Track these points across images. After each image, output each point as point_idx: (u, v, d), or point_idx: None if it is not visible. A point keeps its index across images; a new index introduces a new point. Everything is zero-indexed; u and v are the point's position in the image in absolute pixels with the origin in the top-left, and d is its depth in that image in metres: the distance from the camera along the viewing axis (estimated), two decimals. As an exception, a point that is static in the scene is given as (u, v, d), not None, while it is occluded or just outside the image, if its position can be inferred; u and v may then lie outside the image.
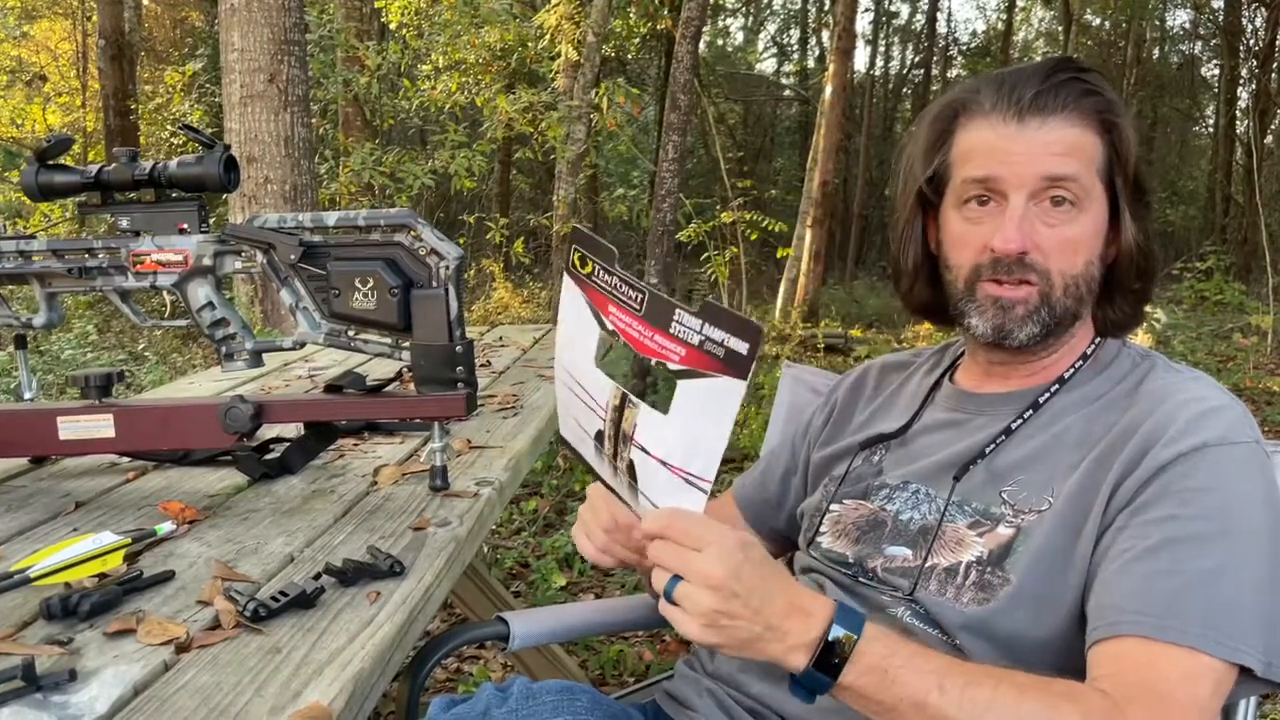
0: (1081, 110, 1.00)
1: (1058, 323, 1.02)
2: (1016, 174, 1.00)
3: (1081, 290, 1.02)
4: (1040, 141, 0.99)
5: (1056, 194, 0.99)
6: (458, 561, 1.17)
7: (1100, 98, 1.00)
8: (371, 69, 8.28)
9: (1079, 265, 1.01)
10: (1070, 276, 1.01)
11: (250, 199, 4.61)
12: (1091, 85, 1.00)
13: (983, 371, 1.13)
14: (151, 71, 14.07)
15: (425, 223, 1.25)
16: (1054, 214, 1.00)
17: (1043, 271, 1.01)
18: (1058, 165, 0.99)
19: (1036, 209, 1.00)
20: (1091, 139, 1.00)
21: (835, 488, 1.18)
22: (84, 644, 0.90)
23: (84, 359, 6.04)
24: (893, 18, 24.12)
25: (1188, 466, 0.91)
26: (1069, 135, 0.99)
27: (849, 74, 11.35)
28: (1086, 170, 0.99)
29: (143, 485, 1.42)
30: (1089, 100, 1.00)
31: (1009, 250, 1.00)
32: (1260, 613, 0.86)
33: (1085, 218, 1.00)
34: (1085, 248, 1.01)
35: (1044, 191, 0.99)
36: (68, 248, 1.35)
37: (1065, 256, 1.00)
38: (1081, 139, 0.99)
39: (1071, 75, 1.00)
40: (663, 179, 5.64)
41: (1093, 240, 1.01)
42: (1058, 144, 0.99)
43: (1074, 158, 0.99)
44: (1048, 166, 0.99)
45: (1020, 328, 1.02)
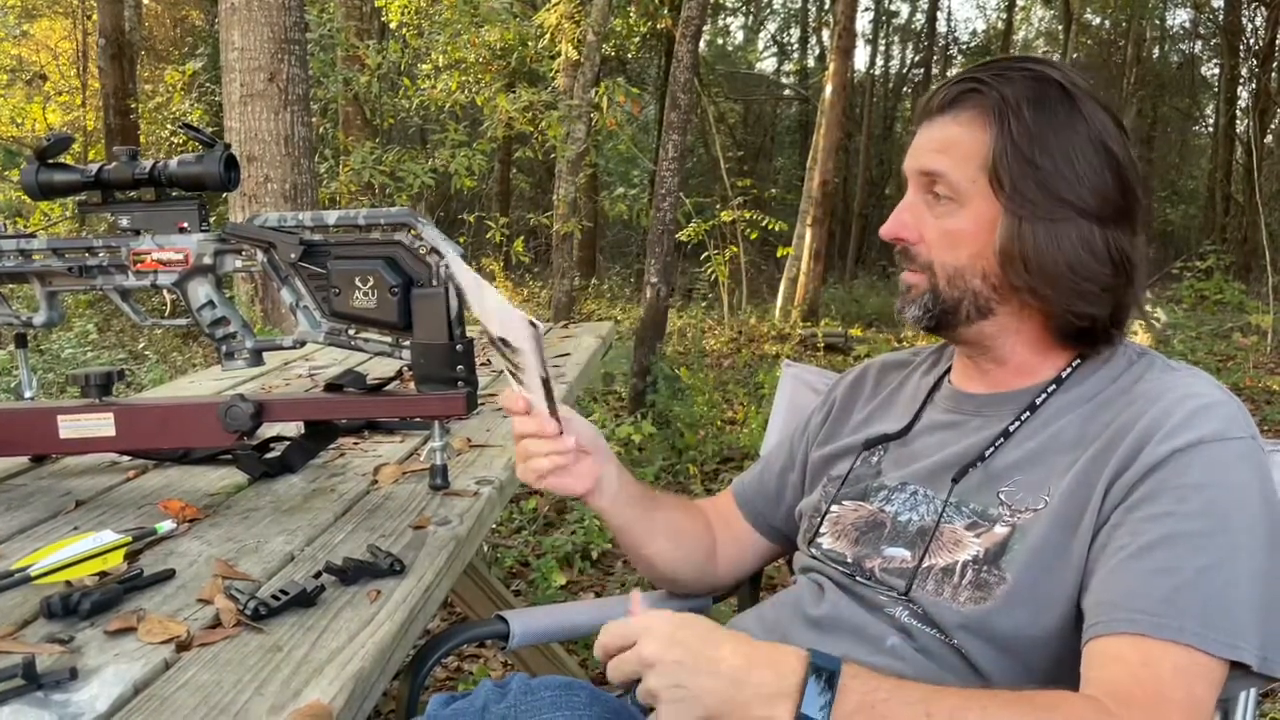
0: (969, 109, 1.02)
1: (946, 311, 1.05)
2: (907, 168, 1.08)
3: (971, 283, 1.03)
4: (924, 138, 1.06)
5: (934, 189, 1.04)
6: (458, 560, 1.17)
7: (985, 95, 1.01)
8: (371, 68, 8.28)
9: (961, 257, 1.03)
10: (952, 267, 1.04)
11: (250, 198, 4.61)
12: (983, 84, 1.01)
13: (963, 368, 1.15)
14: (152, 70, 14.07)
15: (426, 221, 1.25)
16: (935, 206, 1.05)
17: (925, 262, 1.06)
18: (928, 161, 1.04)
19: (927, 200, 1.06)
20: (976, 136, 1.01)
21: (835, 488, 1.18)
22: (85, 642, 0.90)
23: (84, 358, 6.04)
24: (893, 17, 24.12)
25: (1184, 463, 0.91)
26: (947, 133, 1.03)
27: (849, 73, 11.35)
28: (961, 166, 1.02)
29: (143, 484, 1.42)
30: (974, 98, 1.02)
31: (883, 236, 1.08)
32: (1256, 608, 0.86)
33: (965, 212, 1.02)
34: (968, 240, 1.02)
35: (925, 185, 1.05)
36: (68, 246, 1.35)
37: (946, 248, 1.04)
38: (962, 136, 1.02)
39: (970, 76, 1.04)
40: (663, 178, 5.64)
41: (976, 233, 1.02)
42: (933, 141, 1.04)
43: (946, 155, 1.03)
44: (921, 162, 1.05)
45: (908, 309, 1.08)
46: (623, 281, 13.65)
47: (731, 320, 10.01)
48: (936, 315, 1.06)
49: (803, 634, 1.09)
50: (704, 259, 9.58)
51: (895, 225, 1.07)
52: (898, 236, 1.07)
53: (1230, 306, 9.47)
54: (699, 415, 5.24)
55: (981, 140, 1.01)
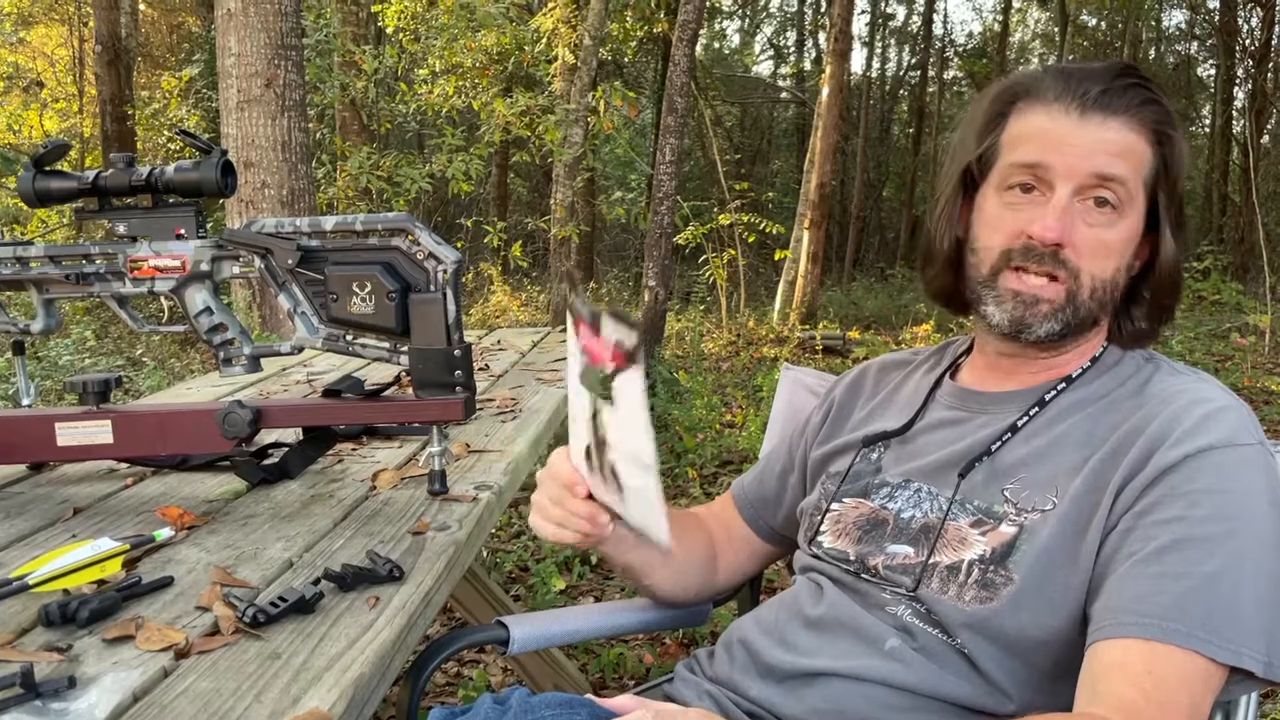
0: (1141, 117, 0.99)
1: (1079, 324, 1.02)
2: (1068, 165, 0.99)
3: (1107, 296, 1.02)
4: (1098, 138, 0.98)
5: (1101, 194, 0.99)
6: (457, 566, 1.17)
7: (1159, 108, 1.00)
8: (368, 73, 8.27)
9: (1109, 270, 1.01)
10: (1099, 280, 1.01)
11: (248, 204, 4.61)
12: (1153, 94, 1.00)
13: (989, 365, 1.12)
14: (148, 77, 14.07)
15: (423, 226, 1.25)
16: (1095, 214, 1.00)
17: (1074, 269, 1.00)
18: (1110, 164, 0.98)
19: (1080, 206, 1.00)
20: (1145, 148, 1.00)
21: (835, 486, 1.17)
22: (83, 650, 0.90)
23: (82, 364, 6.03)
24: (889, 19, 24.15)
25: (1194, 468, 0.91)
26: (1126, 138, 0.99)
27: (846, 76, 11.35)
28: (1134, 176, 0.99)
29: (141, 491, 1.42)
30: (1149, 109, 1.00)
31: (1046, 238, 0.99)
32: (1263, 614, 0.86)
33: (1124, 224, 1.00)
34: (1118, 254, 1.01)
35: (1090, 189, 0.99)
36: (65, 253, 1.35)
37: (1098, 259, 1.00)
38: (1136, 145, 0.99)
39: (1135, 81, 1.00)
40: (660, 181, 5.64)
41: (1126, 247, 1.01)
42: (1114, 144, 0.98)
43: (1126, 161, 0.99)
44: (1100, 164, 0.98)
45: (1041, 324, 1.02)
46: (621, 285, 13.64)
47: (730, 323, 10.00)
48: (1069, 329, 1.02)
49: (801, 635, 1.09)
50: (702, 262, 9.58)
51: (1061, 229, 0.98)
52: (1062, 241, 0.99)
53: (1228, 307, 9.46)
54: (698, 418, 5.23)
55: (1148, 151, 1.00)
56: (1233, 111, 18.30)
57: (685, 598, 1.31)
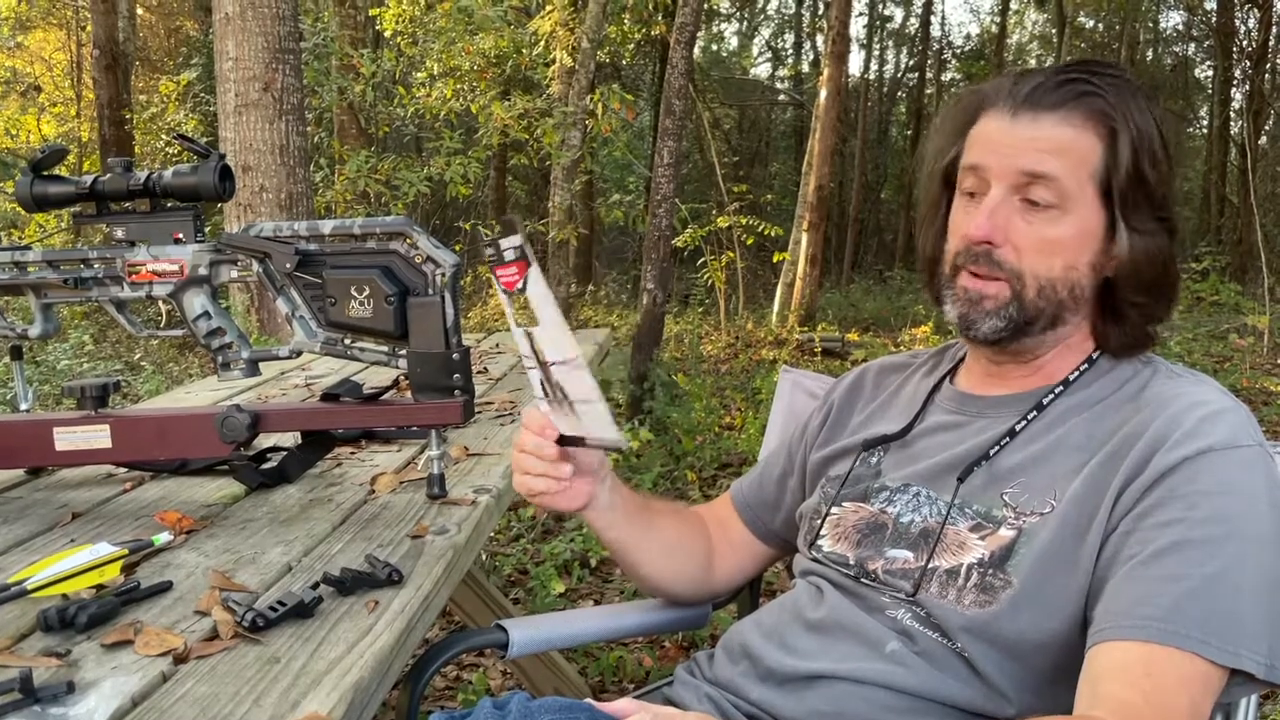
0: (1081, 111, 0.98)
1: (1028, 322, 1.02)
2: (1000, 165, 1.00)
3: (1060, 294, 1.01)
4: (1026, 136, 0.99)
5: (1035, 192, 0.99)
6: (456, 569, 1.17)
7: (1102, 100, 0.98)
8: (366, 76, 8.28)
9: (1056, 268, 1.00)
10: (1045, 278, 1.00)
11: (246, 207, 4.60)
12: (1096, 87, 0.99)
13: (982, 371, 1.13)
14: (146, 81, 14.07)
15: (421, 230, 1.25)
16: (1034, 213, 1.00)
17: (1013, 269, 1.01)
18: (1037, 162, 0.98)
19: (1019, 204, 1.00)
20: (1088, 141, 0.98)
21: (835, 490, 1.17)
22: (82, 655, 0.90)
23: (80, 369, 6.03)
24: (887, 21, 24.16)
25: (1193, 470, 0.91)
26: (1059, 134, 0.98)
27: (843, 78, 11.37)
28: (1072, 172, 0.98)
29: (140, 495, 1.41)
30: (1090, 101, 0.99)
31: (973, 237, 1.01)
32: (1263, 616, 0.86)
33: (1068, 220, 0.99)
34: (1065, 250, 1.00)
35: (1024, 187, 0.99)
36: (63, 258, 1.35)
37: (1040, 256, 1.00)
38: (1075, 140, 0.98)
39: (1077, 75, 0.99)
40: (658, 184, 5.64)
41: (1076, 244, 1.00)
42: (1044, 141, 0.98)
43: (1058, 157, 0.98)
44: (1027, 162, 0.99)
45: (984, 320, 1.03)
46: (619, 288, 13.65)
47: (728, 326, 10.01)
48: (1019, 326, 1.02)
49: (801, 637, 1.09)
50: (700, 265, 9.58)
51: (989, 227, 1.00)
52: (989, 239, 1.01)
53: (1226, 308, 9.47)
54: (696, 421, 5.23)
55: (1094, 147, 0.99)
56: (1230, 113, 18.31)
57: (681, 590, 1.31)
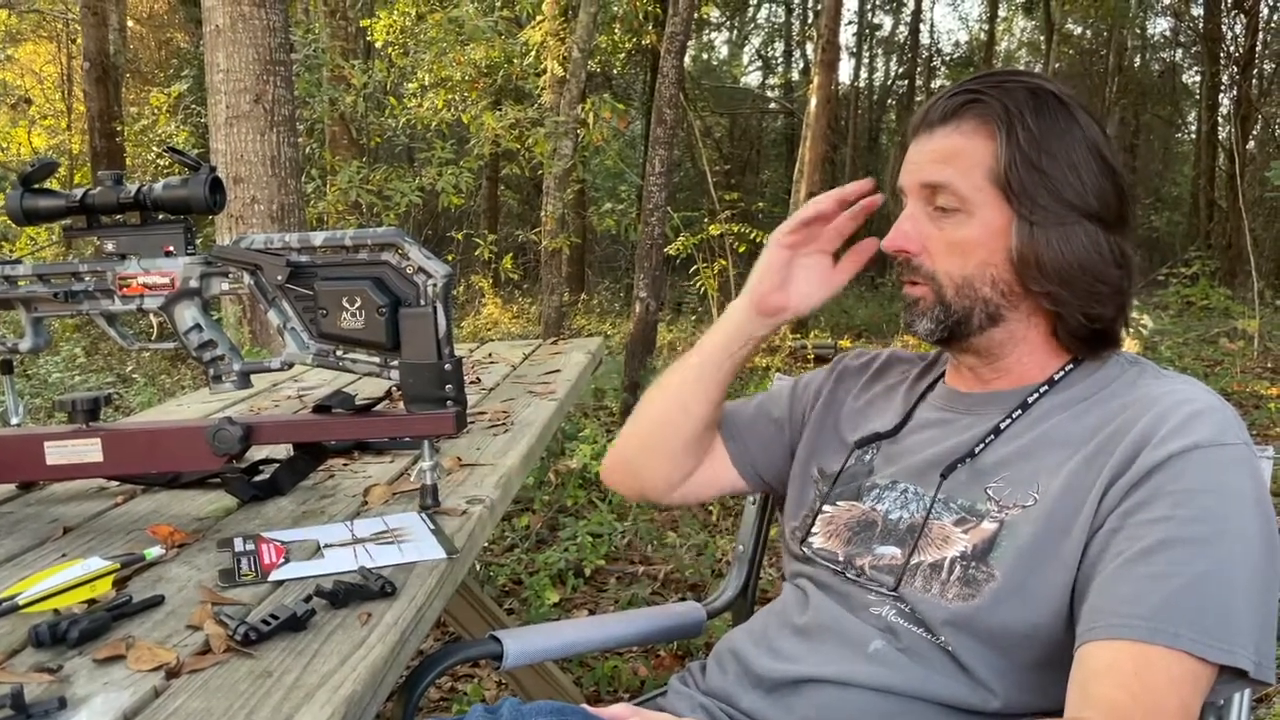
0: (970, 119, 1.03)
1: (959, 321, 1.06)
2: (908, 181, 1.08)
3: (982, 291, 1.04)
4: (924, 150, 1.06)
5: (939, 200, 1.05)
6: (449, 581, 1.16)
7: (986, 104, 1.03)
8: (357, 87, 8.29)
9: (969, 267, 1.04)
10: (959, 277, 1.04)
11: (237, 219, 4.60)
12: (983, 94, 1.03)
13: (960, 373, 1.15)
14: (137, 93, 14.06)
15: (413, 241, 1.25)
16: (943, 219, 1.05)
17: (928, 273, 1.07)
18: (931, 173, 1.05)
19: (930, 213, 1.06)
20: (979, 144, 1.02)
21: (828, 487, 1.18)
22: (73, 671, 0.89)
23: (72, 382, 6.01)
24: (876, 29, 24.26)
25: (1180, 468, 0.92)
26: (949, 144, 1.04)
27: (833, 86, 11.41)
28: (965, 175, 1.02)
29: (131, 509, 1.41)
30: (975, 108, 1.03)
31: (887, 249, 1.09)
32: (1251, 614, 0.86)
33: (974, 221, 1.03)
34: (976, 248, 1.03)
35: (930, 198, 1.06)
36: (53, 272, 1.35)
37: (952, 258, 1.05)
38: (964, 145, 1.03)
39: (969, 88, 1.05)
40: (650, 193, 5.65)
41: (985, 241, 1.03)
42: (935, 153, 1.05)
43: (950, 165, 1.03)
44: (924, 174, 1.05)
45: (918, 322, 1.08)
46: (612, 296, 13.64)
47: (721, 333, 9.97)
48: (949, 326, 1.06)
49: (788, 642, 1.10)
50: (693, 272, 9.57)
51: (897, 237, 1.07)
52: (900, 248, 1.07)
53: (1216, 312, 9.51)
54: (690, 429, 5.22)
55: (987, 149, 1.02)
56: (1218, 118, 18.42)
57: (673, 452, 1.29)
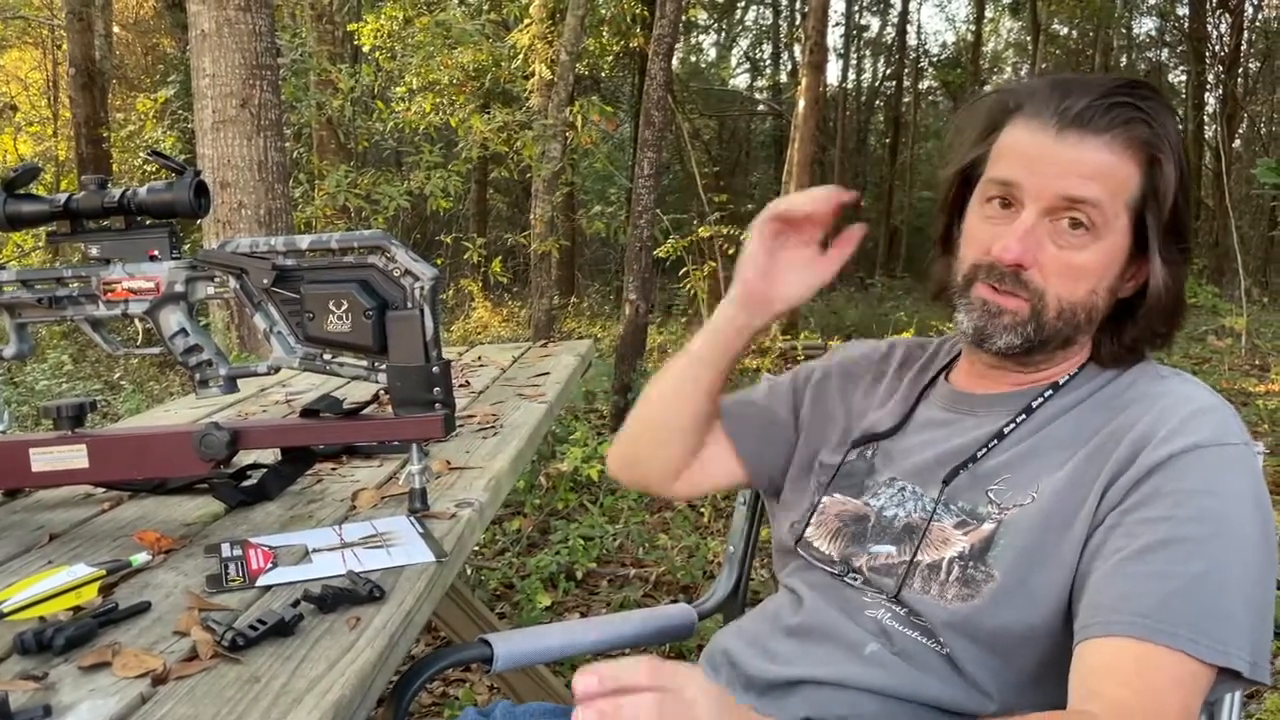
0: (1125, 137, 0.96)
1: (1043, 341, 1.01)
2: (1038, 186, 0.98)
3: (1079, 318, 1.00)
4: (1069, 158, 0.96)
5: (1072, 215, 0.97)
6: (438, 585, 1.16)
7: (1148, 128, 0.97)
8: (345, 91, 8.27)
9: (1080, 293, 0.99)
10: (1067, 302, 0.99)
11: (225, 224, 4.58)
12: (1144, 113, 0.97)
13: (978, 371, 1.12)
14: (123, 99, 14.01)
15: (399, 243, 1.25)
16: (1066, 235, 0.98)
17: (1037, 289, 0.99)
18: (1079, 187, 0.96)
19: (1050, 226, 0.98)
20: (1128, 169, 0.97)
21: (827, 479, 1.17)
22: (59, 678, 0.89)
23: (60, 389, 5.98)
24: (863, 31, 24.33)
25: (1181, 467, 0.91)
26: (1102, 159, 0.96)
27: (822, 87, 11.42)
28: (1112, 199, 0.97)
29: (118, 515, 1.40)
30: (1135, 129, 0.97)
31: (1004, 259, 0.99)
32: (1248, 614, 0.86)
33: (1098, 246, 0.98)
34: (1091, 276, 0.99)
35: (1061, 210, 0.98)
36: (37, 277, 1.34)
37: (1066, 281, 0.99)
38: (1116, 166, 0.96)
39: (1126, 99, 0.97)
40: (639, 195, 5.65)
41: (1102, 270, 0.99)
42: (1088, 165, 0.96)
43: (1100, 183, 0.96)
44: (1069, 186, 0.96)
45: (1001, 335, 1.01)
46: (602, 299, 13.64)
47: (711, 335, 9.97)
48: (1034, 345, 1.02)
49: (782, 643, 1.09)
50: (682, 275, 9.57)
51: (1017, 250, 0.98)
52: (1019, 262, 0.98)
53: (1204, 310, 9.54)
54: (681, 431, 5.22)
55: (1133, 174, 0.97)
56: (1204, 117, 18.50)
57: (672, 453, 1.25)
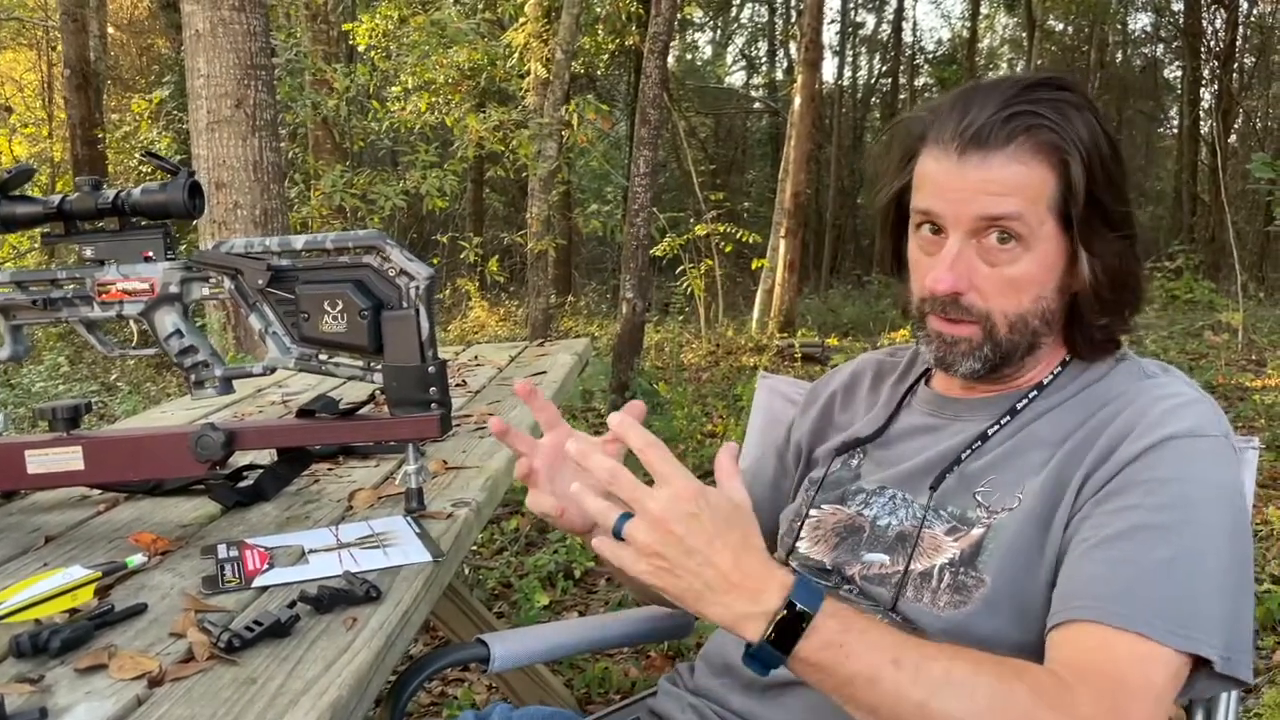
0: (1029, 145, 0.95)
1: (1004, 358, 1.02)
2: (954, 212, 0.97)
3: (1033, 325, 1.00)
4: (977, 180, 0.95)
5: (995, 234, 0.97)
6: (435, 584, 1.16)
7: (1050, 131, 0.95)
8: (340, 91, 8.26)
9: (1024, 304, 0.99)
10: (1015, 315, 0.99)
11: (220, 225, 4.58)
12: (1042, 117, 0.95)
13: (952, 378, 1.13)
14: (118, 100, 13.99)
15: (394, 243, 1.24)
16: (996, 252, 0.97)
17: (981, 312, 0.99)
18: (994, 205, 0.95)
19: (979, 246, 0.98)
20: (1040, 173, 0.96)
21: (814, 492, 1.17)
22: (55, 681, 0.88)
23: (56, 391, 5.98)
24: (859, 28, 24.31)
25: (1154, 458, 0.92)
26: (1009, 173, 0.95)
27: (817, 85, 11.43)
28: (1032, 206, 0.96)
29: (114, 517, 1.40)
30: (1037, 134, 0.95)
31: (937, 290, 0.99)
32: (1219, 605, 0.86)
33: (1030, 256, 0.97)
34: (1032, 285, 0.99)
35: (984, 230, 0.97)
36: (31, 279, 1.34)
37: (1007, 296, 0.99)
38: (1027, 176, 0.95)
39: (1023, 107, 0.95)
40: (635, 194, 5.65)
41: (1042, 276, 0.99)
42: (995, 183, 0.95)
43: (1014, 196, 0.95)
44: (983, 206, 0.96)
45: (962, 362, 1.02)
46: (599, 298, 13.64)
47: (708, 333, 10.02)
48: (996, 364, 1.02)
49: None
50: (679, 273, 9.59)
51: (949, 279, 0.98)
52: (954, 290, 0.98)
53: (1201, 305, 9.57)
54: (678, 429, 5.23)
55: (1047, 179, 0.96)
56: (1200, 112, 18.52)
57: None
